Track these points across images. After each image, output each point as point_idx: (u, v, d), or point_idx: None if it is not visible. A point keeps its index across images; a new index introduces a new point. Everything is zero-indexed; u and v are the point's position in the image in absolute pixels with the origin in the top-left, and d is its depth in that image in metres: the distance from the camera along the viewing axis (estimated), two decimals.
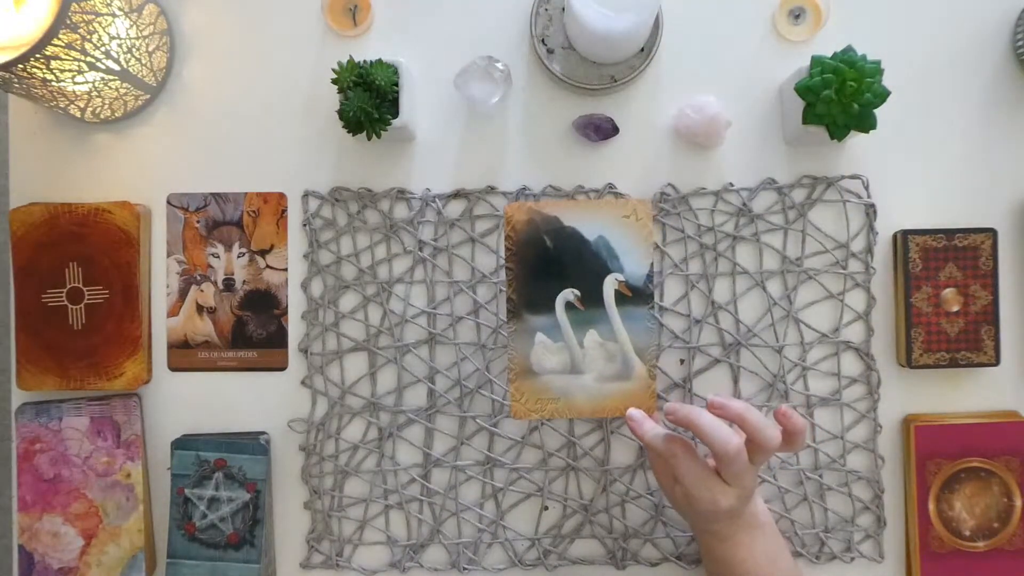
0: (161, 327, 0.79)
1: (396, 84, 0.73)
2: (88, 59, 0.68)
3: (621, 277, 0.69)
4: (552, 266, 0.69)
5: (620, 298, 0.69)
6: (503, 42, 0.79)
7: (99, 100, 0.74)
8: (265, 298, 0.79)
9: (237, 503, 0.75)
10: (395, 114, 0.73)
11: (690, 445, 0.66)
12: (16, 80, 0.67)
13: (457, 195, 0.78)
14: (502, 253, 0.78)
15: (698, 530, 0.71)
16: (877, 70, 0.70)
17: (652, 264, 0.69)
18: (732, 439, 0.63)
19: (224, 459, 0.75)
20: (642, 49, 0.76)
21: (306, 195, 0.79)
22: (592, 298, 0.69)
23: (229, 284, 0.79)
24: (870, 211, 0.77)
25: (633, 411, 0.68)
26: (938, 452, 0.76)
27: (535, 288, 0.69)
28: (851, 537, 0.77)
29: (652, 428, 0.67)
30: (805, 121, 0.72)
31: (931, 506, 0.76)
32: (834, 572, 0.78)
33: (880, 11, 0.78)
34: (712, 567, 0.71)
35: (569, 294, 0.69)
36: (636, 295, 0.69)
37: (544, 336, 0.69)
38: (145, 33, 0.75)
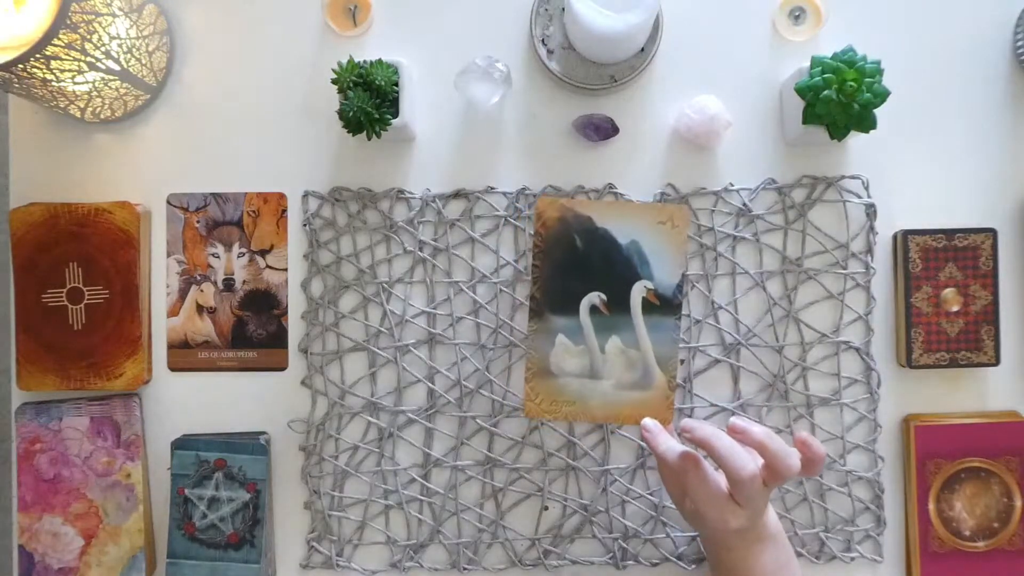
0: (161, 327, 0.79)
1: (396, 84, 0.73)
2: (88, 59, 0.68)
3: (650, 285, 0.67)
4: (580, 267, 0.68)
5: (647, 306, 0.68)
6: (503, 42, 0.79)
7: (99, 100, 0.74)
8: (265, 298, 0.79)
9: (237, 503, 0.75)
10: (395, 114, 0.73)
11: (703, 463, 0.65)
12: (16, 80, 0.67)
13: (457, 195, 0.78)
14: (503, 253, 0.78)
15: (707, 539, 0.70)
16: (877, 70, 0.70)
17: (684, 274, 0.68)
18: (747, 465, 0.62)
19: (224, 459, 0.75)
20: (642, 49, 0.76)
21: (306, 195, 0.79)
22: (618, 303, 0.68)
23: (229, 284, 0.79)
24: (870, 211, 0.77)
25: (648, 422, 0.67)
26: (938, 452, 0.76)
27: (561, 288, 0.68)
28: (851, 537, 0.77)
29: (666, 441, 0.66)
30: (805, 121, 0.72)
31: (931, 506, 0.76)
32: (834, 572, 0.78)
33: (880, 11, 0.78)
34: (718, 574, 0.70)
35: (595, 297, 0.68)
36: (664, 304, 0.68)
37: (565, 338, 0.68)
38: (145, 33, 0.75)
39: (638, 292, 0.68)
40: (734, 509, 0.64)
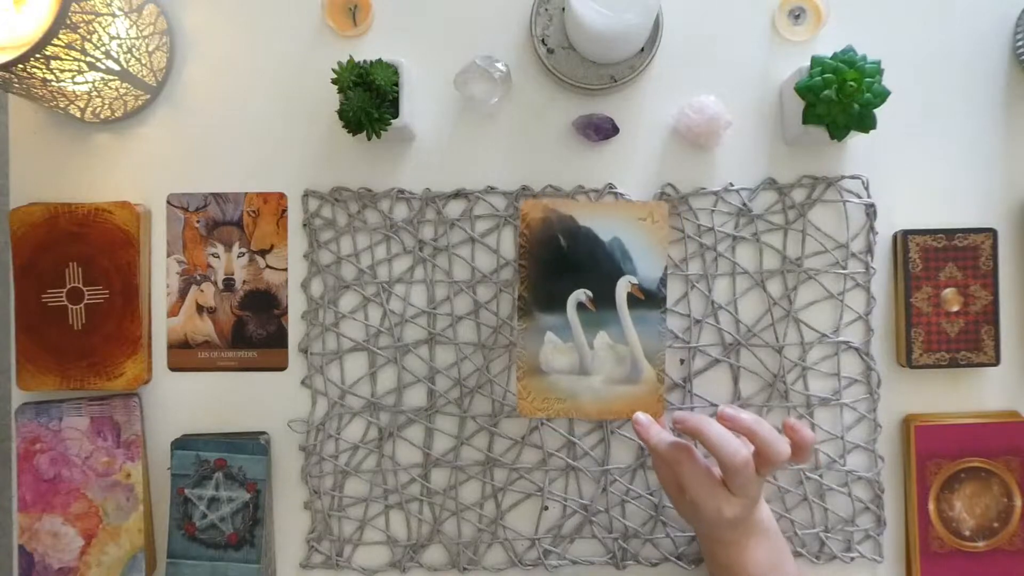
0: (161, 327, 0.79)
1: (396, 84, 0.73)
2: (88, 59, 0.68)
3: (634, 280, 0.68)
4: (565, 265, 0.69)
5: (632, 301, 0.69)
6: (503, 42, 0.79)
7: (99, 100, 0.74)
8: (265, 298, 0.79)
9: (237, 503, 0.75)
10: (395, 114, 0.73)
11: (695, 453, 0.66)
12: (16, 80, 0.67)
13: (457, 195, 0.78)
14: (503, 252, 0.78)
15: (702, 535, 0.70)
16: (877, 70, 0.70)
17: (666, 268, 0.69)
18: (739, 451, 0.63)
19: (224, 459, 0.75)
20: (642, 49, 0.76)
21: (306, 195, 0.79)
22: (604, 299, 0.69)
23: (229, 284, 0.79)
24: (870, 211, 0.77)
25: (640, 415, 0.67)
26: (938, 452, 0.76)
27: (547, 287, 0.69)
28: (851, 537, 0.77)
29: (658, 433, 0.67)
30: (805, 121, 0.72)
31: (931, 506, 0.76)
32: (834, 572, 0.78)
33: (880, 11, 0.78)
34: (716, 571, 0.70)
35: (581, 294, 0.68)
36: (648, 298, 0.69)
37: (554, 335, 0.69)
38: (145, 33, 0.75)
39: (623, 287, 0.68)
40: (728, 497, 0.65)
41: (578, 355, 0.69)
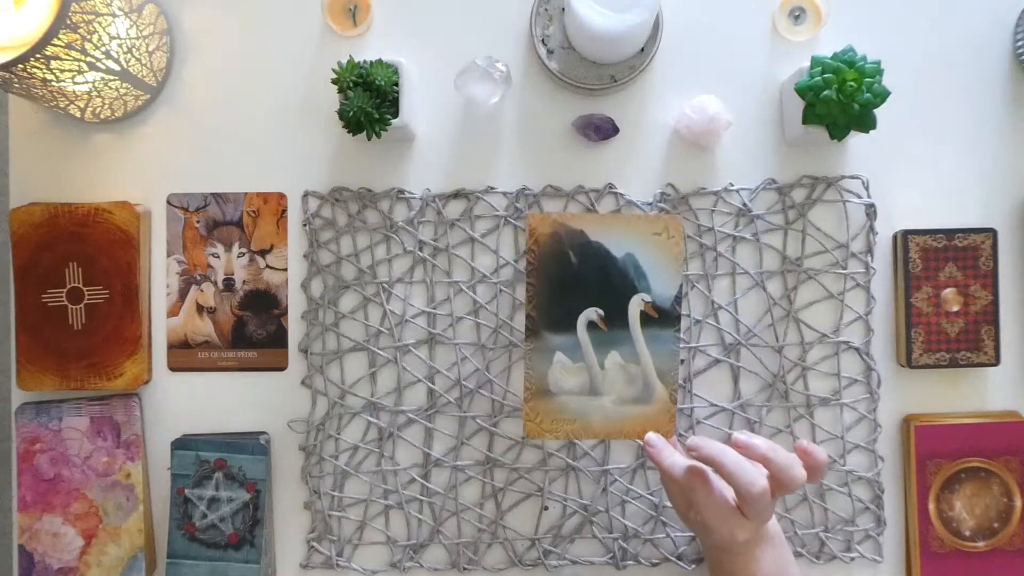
0: (161, 327, 0.79)
1: (396, 84, 0.73)
2: (88, 59, 0.68)
3: (648, 298, 0.66)
4: (575, 283, 0.66)
5: (645, 319, 0.67)
6: (503, 42, 0.79)
7: (99, 100, 0.74)
8: (265, 298, 0.79)
9: (237, 503, 0.75)
10: (395, 114, 0.73)
11: (710, 477, 0.65)
12: (16, 80, 0.67)
13: (457, 195, 0.78)
14: (503, 253, 0.78)
15: (708, 545, 0.70)
16: (877, 70, 0.70)
17: (681, 285, 0.67)
18: (757, 481, 0.62)
19: (224, 459, 0.75)
20: (642, 49, 0.76)
21: (306, 195, 0.79)
22: (616, 318, 0.67)
23: (229, 284, 0.79)
24: (870, 211, 0.77)
25: (652, 436, 0.67)
26: (938, 452, 0.76)
27: (556, 305, 0.67)
28: (851, 537, 0.77)
29: (670, 456, 0.66)
30: (805, 121, 0.72)
31: (931, 506, 0.76)
32: (834, 572, 0.78)
33: (880, 11, 0.78)
34: None
35: (592, 313, 0.67)
36: (662, 316, 0.67)
37: (563, 356, 0.67)
38: (145, 33, 0.75)
39: (636, 305, 0.67)
40: (742, 522, 0.64)
41: (588, 375, 0.67)
